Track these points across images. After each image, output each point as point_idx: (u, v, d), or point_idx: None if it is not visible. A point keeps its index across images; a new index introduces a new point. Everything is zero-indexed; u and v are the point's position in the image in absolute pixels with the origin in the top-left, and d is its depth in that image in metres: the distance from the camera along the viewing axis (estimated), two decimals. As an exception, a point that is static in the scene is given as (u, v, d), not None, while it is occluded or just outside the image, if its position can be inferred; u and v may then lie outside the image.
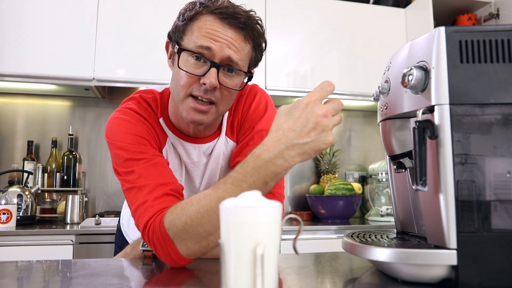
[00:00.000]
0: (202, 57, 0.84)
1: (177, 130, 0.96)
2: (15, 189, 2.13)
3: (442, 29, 0.61)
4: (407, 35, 2.69)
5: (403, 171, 0.78)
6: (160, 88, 0.99)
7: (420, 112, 0.60)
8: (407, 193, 0.78)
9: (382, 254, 0.62)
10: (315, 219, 2.53)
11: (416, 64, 0.63)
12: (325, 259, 0.89)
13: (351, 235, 0.79)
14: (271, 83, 2.46)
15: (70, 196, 2.22)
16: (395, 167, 0.81)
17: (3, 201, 2.07)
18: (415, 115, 0.62)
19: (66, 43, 2.22)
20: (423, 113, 0.61)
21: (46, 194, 2.44)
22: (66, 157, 2.44)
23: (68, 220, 2.20)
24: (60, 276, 0.74)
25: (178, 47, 0.86)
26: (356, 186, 2.57)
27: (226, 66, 0.85)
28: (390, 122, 0.75)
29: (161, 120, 0.95)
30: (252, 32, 0.87)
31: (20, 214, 2.10)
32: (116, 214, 2.25)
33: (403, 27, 2.72)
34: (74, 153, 2.47)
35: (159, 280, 0.73)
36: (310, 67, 2.55)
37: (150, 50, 2.29)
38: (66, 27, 2.23)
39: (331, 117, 0.67)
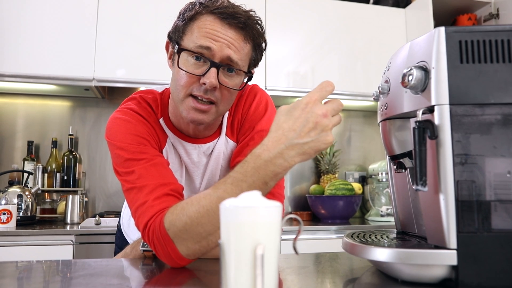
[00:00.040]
0: (202, 57, 0.84)
1: (177, 130, 0.96)
2: (15, 189, 2.13)
3: (442, 29, 0.61)
4: (407, 35, 2.69)
5: (403, 171, 0.78)
6: (160, 88, 0.99)
7: (420, 112, 0.60)
8: (407, 193, 0.78)
9: (382, 254, 0.62)
10: (315, 219, 2.53)
11: (416, 64, 0.63)
12: (325, 259, 0.89)
13: (351, 235, 0.79)
14: (271, 83, 2.46)
15: (70, 196, 2.22)
16: (395, 167, 0.81)
17: (3, 201, 2.07)
18: (415, 115, 0.62)
19: (66, 43, 2.22)
20: (423, 113, 0.61)
21: (46, 194, 2.44)
22: (66, 157, 2.44)
23: (68, 220, 2.20)
24: (60, 276, 0.74)
25: (178, 47, 0.86)
26: (356, 186, 2.57)
27: (226, 66, 0.85)
28: (390, 122, 0.75)
29: (161, 120, 0.95)
30: (252, 32, 0.87)
31: (20, 214, 2.10)
32: (116, 214, 2.25)
33: (403, 27, 2.72)
34: (74, 153, 2.47)
35: (159, 280, 0.73)
36: (310, 67, 2.55)
37: (150, 50, 2.29)
38: (66, 27, 2.23)
39: (330, 117, 0.67)
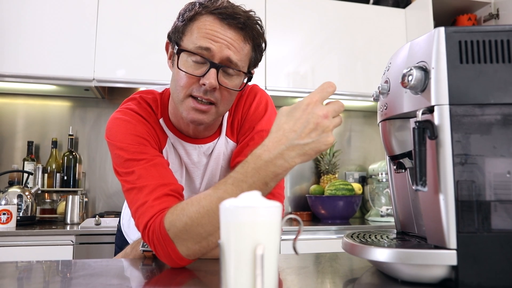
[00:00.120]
0: (202, 57, 0.84)
1: (177, 130, 0.96)
2: (15, 189, 2.13)
3: (442, 29, 0.61)
4: (407, 35, 2.69)
5: (403, 171, 0.78)
6: (160, 89, 0.99)
7: (420, 113, 0.61)
8: (407, 193, 0.78)
9: (382, 255, 0.62)
10: (315, 220, 2.53)
11: (416, 65, 0.63)
12: (325, 259, 0.89)
13: (351, 235, 0.79)
14: (271, 83, 2.46)
15: (70, 196, 2.22)
16: (395, 167, 0.81)
17: (3, 201, 2.07)
18: (415, 115, 0.62)
19: (66, 43, 2.22)
20: (423, 113, 0.61)
21: (46, 195, 2.44)
22: (66, 157, 2.44)
23: (68, 220, 2.20)
24: (60, 277, 0.74)
25: (177, 47, 0.86)
26: (356, 187, 2.57)
27: (226, 67, 0.85)
28: (390, 122, 0.75)
29: (161, 120, 0.95)
30: (251, 32, 0.86)
31: (20, 214, 2.10)
32: (116, 214, 2.25)
33: (403, 27, 2.72)
34: (74, 153, 2.47)
35: (159, 281, 0.73)
36: (310, 67, 2.55)
37: (150, 51, 2.29)
38: (66, 27, 2.23)
39: (331, 118, 0.67)
